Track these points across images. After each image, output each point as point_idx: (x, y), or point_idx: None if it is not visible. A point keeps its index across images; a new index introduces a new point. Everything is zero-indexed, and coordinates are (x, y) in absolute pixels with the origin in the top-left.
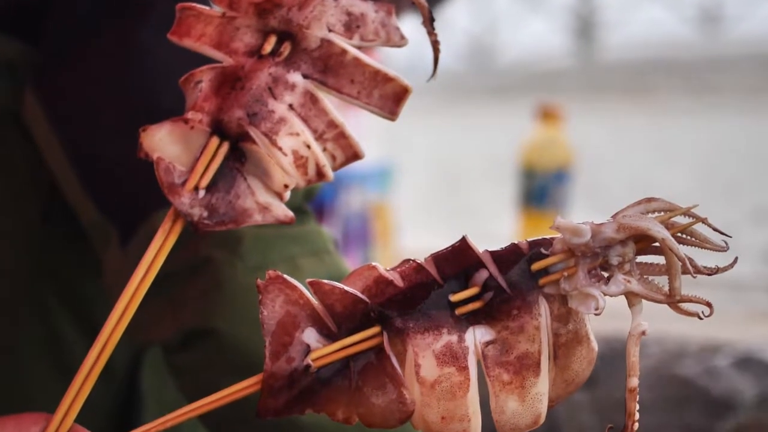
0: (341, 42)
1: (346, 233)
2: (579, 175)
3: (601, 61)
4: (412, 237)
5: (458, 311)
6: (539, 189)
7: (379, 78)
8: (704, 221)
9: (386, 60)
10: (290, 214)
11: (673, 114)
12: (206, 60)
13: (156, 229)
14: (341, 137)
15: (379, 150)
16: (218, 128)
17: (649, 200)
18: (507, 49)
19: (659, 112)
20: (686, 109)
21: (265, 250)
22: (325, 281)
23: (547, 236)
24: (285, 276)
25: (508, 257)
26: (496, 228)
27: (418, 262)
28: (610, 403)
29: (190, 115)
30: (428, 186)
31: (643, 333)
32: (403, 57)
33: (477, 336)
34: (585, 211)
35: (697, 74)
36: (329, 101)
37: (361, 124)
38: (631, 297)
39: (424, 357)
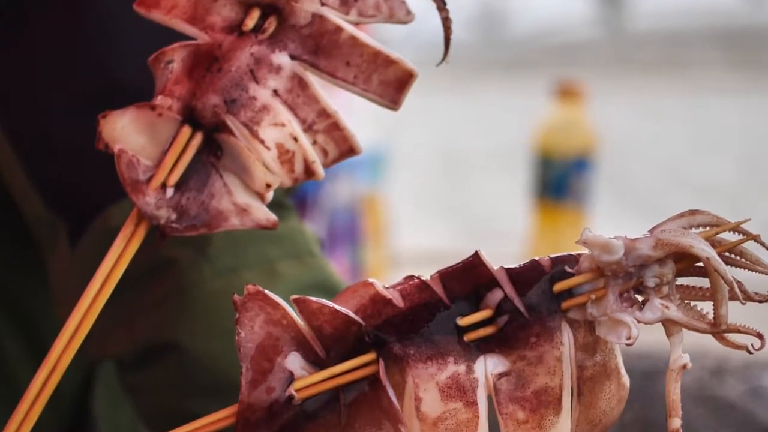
0: (336, 18)
1: (332, 230)
2: (603, 164)
3: (630, 31)
4: (409, 235)
5: (467, 337)
6: (557, 179)
7: (380, 60)
8: (756, 239)
9: (379, 31)
10: (273, 217)
11: (714, 92)
12: (179, 36)
13: (111, 227)
14: (334, 129)
15: (370, 133)
16: (191, 116)
17: (693, 213)
18: (520, 17)
19: (697, 91)
20: (729, 87)
21: (237, 251)
22: (313, 299)
23: (573, 252)
24: (266, 292)
25: (526, 276)
26: (506, 225)
27: (422, 279)
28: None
29: (158, 100)
30: (428, 175)
31: (684, 367)
32: (400, 25)
33: (488, 366)
34: (610, 206)
35: (741, 46)
36: (320, 87)
37: (349, 100)
38: (670, 325)
39: (426, 390)
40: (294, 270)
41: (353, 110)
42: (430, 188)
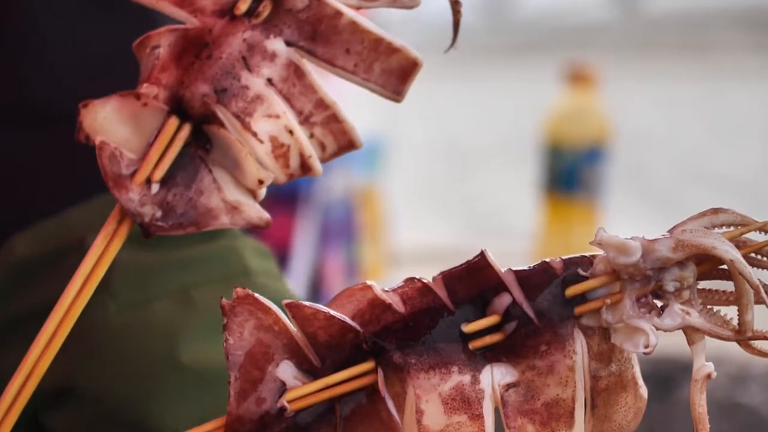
0: (335, 1)
1: (326, 226)
2: (617, 154)
3: (646, 12)
4: (408, 232)
5: (472, 345)
6: (567, 171)
7: (382, 48)
8: None
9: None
10: (266, 216)
11: (736, 78)
12: (118, 59)
13: (15, 258)
14: (333, 121)
15: (367, 122)
16: (178, 106)
17: (716, 211)
18: None
19: (718, 76)
20: (752, 73)
21: (145, 282)
22: (307, 303)
23: (586, 253)
24: (257, 295)
25: (536, 279)
26: (513, 221)
27: (425, 282)
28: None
29: (143, 88)
30: (429, 167)
31: (709, 376)
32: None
33: (495, 376)
34: (624, 200)
35: (766, 28)
36: (318, 75)
37: (342, 85)
38: (691, 332)
39: (428, 401)
40: (217, 294)
41: (348, 96)
42: (431, 181)
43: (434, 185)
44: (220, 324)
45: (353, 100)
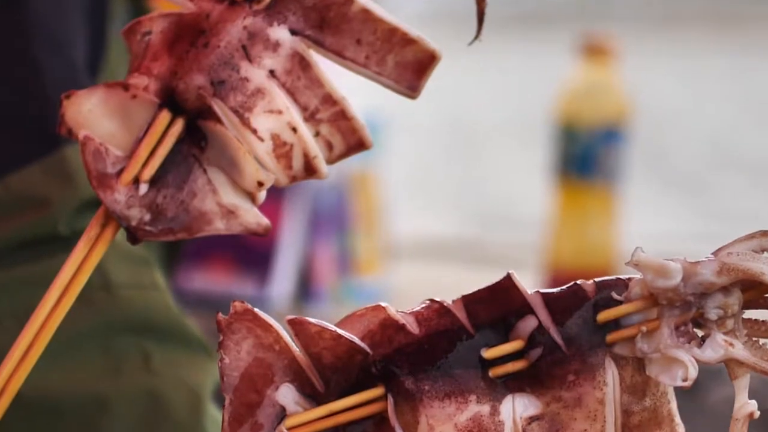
0: None
1: (316, 214)
2: (637, 135)
3: None
4: (408, 221)
5: (493, 372)
6: (583, 153)
7: (396, 39)
8: None
9: None
10: (264, 221)
11: None
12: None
13: None
14: (341, 118)
15: (364, 100)
16: (170, 99)
17: (765, 233)
18: None
19: (749, 50)
20: None
21: None
22: (313, 320)
23: (622, 276)
24: (256, 311)
25: (565, 302)
26: (523, 209)
27: (443, 303)
28: None
29: (132, 79)
30: (431, 150)
31: (751, 416)
32: None
33: (517, 408)
34: (645, 185)
35: None
36: (325, 68)
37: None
38: (735, 366)
39: None
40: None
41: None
42: (433, 164)
43: (436, 169)
44: (66, 349)
45: (347, 76)
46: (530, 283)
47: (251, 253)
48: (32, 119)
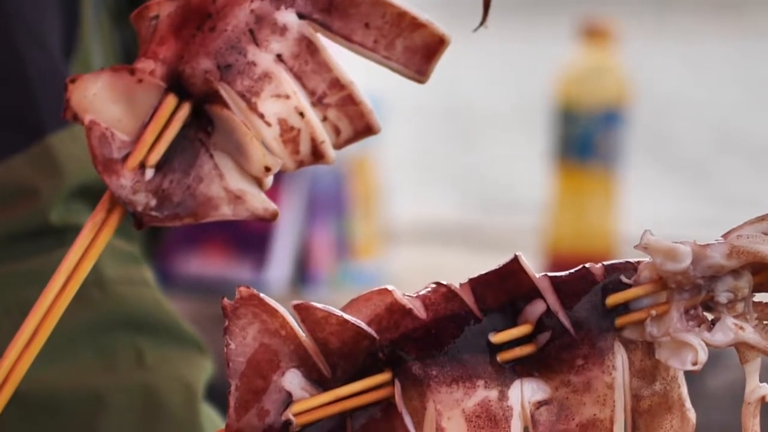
0: None
1: (313, 199)
2: (638, 118)
3: None
4: (407, 205)
5: (501, 357)
6: (582, 136)
7: (405, 23)
8: None
9: None
10: (272, 207)
11: None
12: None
13: None
14: (349, 103)
15: (362, 81)
16: (177, 83)
17: None
18: None
19: (753, 33)
20: None
21: None
22: (319, 305)
23: (631, 259)
24: (262, 296)
25: (574, 285)
26: (523, 192)
27: (450, 286)
28: None
29: (139, 63)
30: (430, 133)
31: (763, 399)
32: None
33: (525, 393)
34: (646, 170)
35: None
36: (333, 51)
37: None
38: (745, 350)
39: (450, 418)
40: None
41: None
42: (433, 148)
43: (435, 153)
44: (61, 345)
45: (344, 54)
46: (531, 267)
47: (248, 236)
48: (13, 109)
